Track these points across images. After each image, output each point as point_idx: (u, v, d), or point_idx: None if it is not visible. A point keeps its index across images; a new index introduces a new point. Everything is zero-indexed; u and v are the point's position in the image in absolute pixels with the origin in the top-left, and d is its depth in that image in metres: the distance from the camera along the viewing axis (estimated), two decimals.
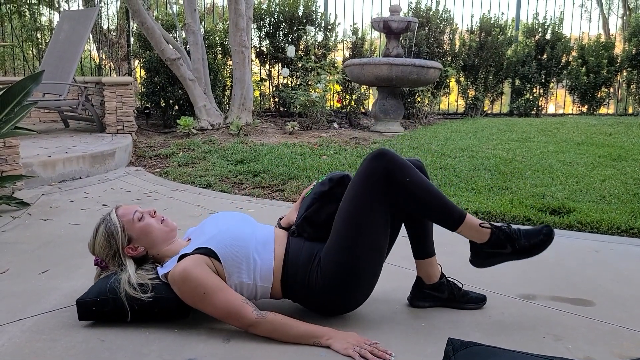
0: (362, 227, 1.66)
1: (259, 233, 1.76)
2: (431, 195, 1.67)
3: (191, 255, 1.64)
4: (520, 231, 1.70)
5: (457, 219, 1.68)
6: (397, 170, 1.64)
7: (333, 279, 1.66)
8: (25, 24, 8.49)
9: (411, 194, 1.66)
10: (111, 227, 1.73)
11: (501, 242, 1.70)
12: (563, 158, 4.52)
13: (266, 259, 1.70)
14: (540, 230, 1.69)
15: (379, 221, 1.68)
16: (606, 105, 8.52)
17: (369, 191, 1.66)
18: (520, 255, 1.70)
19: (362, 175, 1.67)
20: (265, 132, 6.04)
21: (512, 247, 1.69)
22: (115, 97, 5.50)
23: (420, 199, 1.67)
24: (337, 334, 1.58)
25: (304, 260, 1.71)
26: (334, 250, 1.68)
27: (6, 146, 3.44)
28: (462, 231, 1.70)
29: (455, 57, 8.00)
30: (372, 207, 1.66)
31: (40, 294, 1.94)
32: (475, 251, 1.75)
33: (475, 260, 1.77)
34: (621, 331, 1.72)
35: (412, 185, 1.65)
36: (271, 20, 7.65)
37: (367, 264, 1.69)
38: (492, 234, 1.70)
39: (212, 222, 1.81)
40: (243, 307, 1.59)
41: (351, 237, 1.66)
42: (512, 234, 1.69)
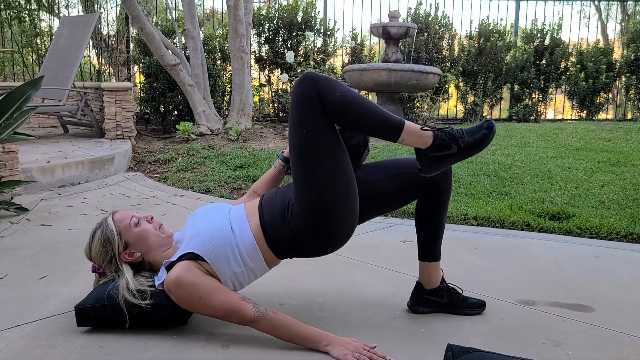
0: (312, 156, 1.61)
1: (233, 219, 1.73)
2: (366, 109, 1.59)
3: (179, 263, 1.63)
4: (462, 130, 1.65)
5: (397, 128, 1.60)
6: (324, 89, 1.57)
7: (310, 218, 1.63)
8: (25, 30, 8.50)
9: (345, 110, 1.58)
10: (107, 233, 1.72)
11: (445, 143, 1.63)
12: (562, 163, 4.53)
13: (247, 239, 1.68)
14: (481, 125, 1.63)
15: (327, 144, 1.62)
16: (605, 111, 8.54)
17: (305, 118, 1.60)
18: (467, 153, 1.63)
19: (294, 105, 1.61)
20: (264, 137, 6.04)
21: (457, 145, 1.62)
22: (115, 103, 5.51)
23: (355, 113, 1.59)
24: (335, 340, 1.58)
25: (279, 214, 1.68)
26: (299, 190, 1.64)
27: (5, 151, 3.43)
28: (405, 139, 1.62)
29: (454, 63, 8.01)
30: (315, 132, 1.60)
31: (38, 299, 1.93)
32: (422, 158, 1.68)
33: (424, 168, 1.69)
34: (621, 337, 1.71)
35: (343, 99, 1.57)
36: (270, 26, 7.66)
37: (335, 189, 1.63)
38: (435, 137, 1.63)
39: (190, 223, 1.80)
40: (242, 305, 1.59)
41: (307, 170, 1.62)
42: (455, 133, 1.63)
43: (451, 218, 3.17)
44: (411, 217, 3.18)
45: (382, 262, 2.43)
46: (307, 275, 2.23)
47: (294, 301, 1.96)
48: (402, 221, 3.19)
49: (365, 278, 2.22)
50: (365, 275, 2.25)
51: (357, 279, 2.21)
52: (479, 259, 2.50)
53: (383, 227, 3.04)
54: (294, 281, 2.16)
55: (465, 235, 2.89)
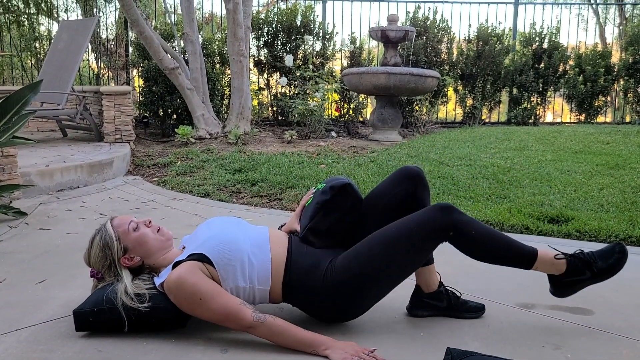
0: (399, 263, 1.68)
1: (253, 235, 1.75)
2: (500, 243, 1.70)
3: (184, 262, 1.63)
4: (594, 254, 1.72)
5: (530, 259, 1.70)
6: (465, 225, 1.67)
7: (342, 288, 1.66)
8: (23, 34, 8.51)
9: (479, 246, 1.70)
10: (106, 238, 1.72)
11: (579, 269, 1.71)
12: (561, 166, 4.53)
13: (263, 260, 1.69)
14: (613, 249, 1.71)
15: (416, 263, 1.72)
16: (603, 114, 8.55)
17: (423, 237, 1.67)
18: (600, 278, 1.71)
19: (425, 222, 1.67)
20: (263, 141, 6.04)
21: (591, 271, 1.70)
22: (114, 107, 5.51)
23: (489, 250, 1.70)
24: (335, 344, 1.57)
25: (309, 264, 1.71)
26: (357, 263, 1.67)
27: (4, 155, 3.43)
28: (538, 267, 1.71)
29: (453, 66, 8.03)
30: (420, 252, 1.69)
31: (37, 304, 1.93)
32: (555, 283, 1.76)
33: (557, 292, 1.78)
34: (620, 340, 1.71)
35: (479, 237, 1.68)
36: (269, 30, 7.68)
37: (383, 289, 1.72)
38: (569, 264, 1.72)
39: (205, 228, 1.81)
40: (241, 309, 1.58)
41: (384, 265, 1.67)
42: (588, 259, 1.70)
43: None
44: None
45: None
46: None
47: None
48: None
49: None
50: None
51: None
52: (478, 262, 2.48)
53: None
54: None
55: None
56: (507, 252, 1.70)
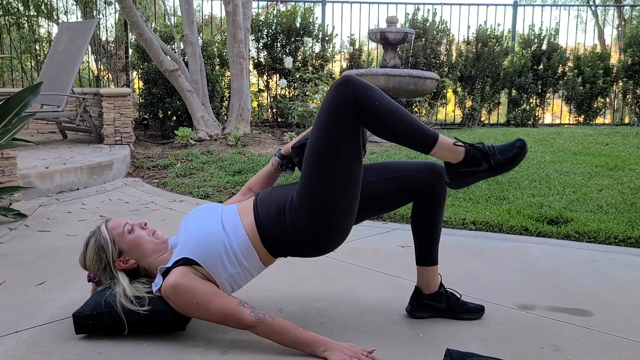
0: (332, 162, 1.60)
1: (225, 220, 1.72)
2: (402, 119, 1.60)
3: (175, 269, 1.63)
4: (494, 147, 1.65)
5: (431, 141, 1.61)
6: (364, 95, 1.57)
7: (309, 219, 1.63)
8: (23, 36, 8.52)
9: (381, 119, 1.59)
10: (101, 241, 1.71)
11: (477, 159, 1.63)
12: (560, 168, 4.53)
13: (241, 239, 1.67)
14: (513, 144, 1.63)
15: (351, 150, 1.62)
16: (602, 115, 8.56)
17: (335, 123, 1.59)
18: (497, 171, 1.64)
19: (328, 105, 1.60)
20: (263, 142, 6.05)
21: (488, 163, 1.63)
22: (114, 108, 5.51)
23: (391, 124, 1.60)
24: (334, 345, 1.57)
25: (275, 213, 1.68)
26: (307, 187, 1.63)
27: (4, 157, 3.43)
28: (437, 152, 1.63)
29: (452, 68, 8.04)
30: (343, 137, 1.60)
31: (37, 306, 1.93)
32: (451, 172, 1.68)
33: (452, 182, 1.69)
34: (620, 341, 1.72)
35: (381, 108, 1.58)
36: (269, 32, 7.68)
37: (344, 198, 1.64)
38: (467, 153, 1.63)
39: (183, 227, 1.79)
40: (240, 310, 1.58)
41: (323, 173, 1.61)
42: (487, 150, 1.63)
43: (450, 223, 3.18)
44: (409, 222, 3.17)
45: (380, 267, 2.43)
46: (306, 281, 2.23)
47: (293, 306, 1.96)
48: (401, 226, 3.19)
49: (363, 283, 2.22)
50: (363, 280, 2.25)
51: (355, 284, 2.21)
52: (478, 264, 2.50)
53: (381, 232, 3.04)
54: (293, 286, 2.16)
55: (464, 240, 2.89)
56: (409, 130, 1.61)
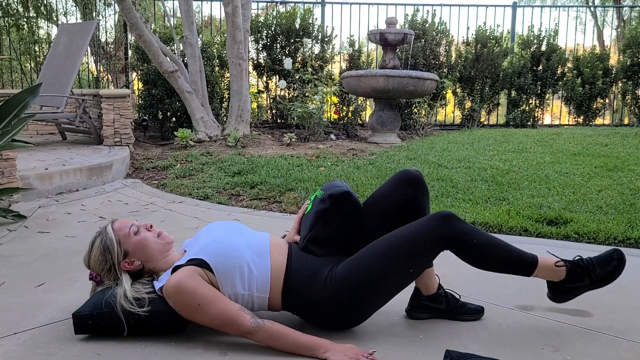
0: (401, 272, 1.68)
1: (253, 242, 1.75)
2: (500, 250, 1.71)
3: (184, 267, 1.63)
4: (592, 260, 1.73)
5: (531, 266, 1.72)
6: (465, 235, 1.67)
7: (343, 298, 1.66)
8: (23, 37, 8.52)
9: (482, 254, 1.70)
10: (107, 241, 1.72)
11: (578, 276, 1.73)
12: (559, 169, 4.54)
13: (262, 268, 1.69)
14: (612, 255, 1.73)
15: (416, 272, 1.72)
16: (602, 116, 8.56)
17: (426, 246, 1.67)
18: (599, 284, 1.73)
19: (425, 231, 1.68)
20: (262, 143, 6.05)
21: (590, 278, 1.73)
22: (113, 110, 5.51)
23: (492, 257, 1.70)
24: (334, 347, 1.57)
25: (308, 273, 1.70)
26: (358, 273, 1.67)
27: (3, 159, 3.43)
28: (538, 274, 1.73)
29: (452, 69, 8.04)
30: (421, 261, 1.70)
31: (36, 307, 1.93)
32: (554, 289, 1.78)
33: (556, 297, 1.80)
34: (620, 342, 1.72)
35: (480, 245, 1.68)
36: (268, 33, 7.68)
37: (384, 297, 1.72)
38: (569, 271, 1.73)
39: (206, 233, 1.80)
40: (240, 315, 1.58)
41: (384, 274, 1.67)
42: (587, 266, 1.72)
43: None
44: None
45: None
46: None
47: None
48: None
49: None
50: None
51: None
52: None
53: None
54: None
55: None
56: (509, 261, 1.71)
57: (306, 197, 3.76)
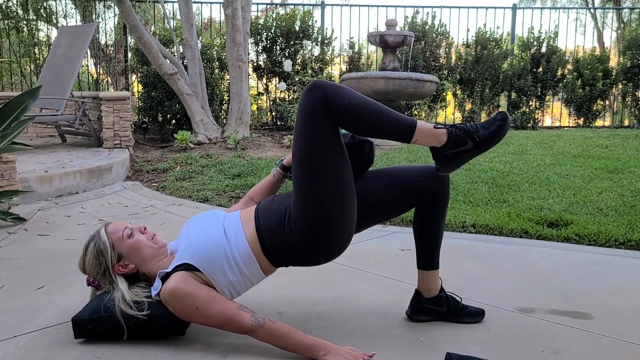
0: (315, 164, 1.60)
1: (227, 227, 1.72)
2: (375, 112, 1.59)
3: (174, 274, 1.62)
4: (476, 124, 1.64)
5: (409, 129, 1.59)
6: (333, 95, 1.56)
7: (307, 228, 1.62)
8: (23, 40, 8.52)
9: (354, 116, 1.58)
10: (100, 245, 1.71)
11: (460, 139, 1.62)
12: (560, 170, 4.53)
13: (242, 246, 1.67)
14: (495, 118, 1.63)
15: (331, 153, 1.61)
16: (602, 118, 8.57)
17: (311, 126, 1.59)
18: (483, 146, 1.62)
19: (303, 111, 1.60)
20: (262, 146, 6.05)
21: (473, 140, 1.61)
22: (113, 112, 5.51)
23: (364, 119, 1.58)
24: (333, 349, 1.57)
25: (276, 222, 1.67)
26: (298, 198, 1.64)
27: (3, 161, 3.43)
28: (418, 139, 1.61)
29: (452, 71, 8.05)
30: (320, 141, 1.59)
31: (36, 310, 1.92)
32: (438, 157, 1.66)
33: (442, 167, 1.68)
34: (620, 344, 1.71)
35: (352, 106, 1.57)
36: (268, 35, 7.69)
37: (336, 200, 1.63)
38: (450, 134, 1.62)
39: (185, 233, 1.78)
40: (239, 314, 1.58)
41: (309, 178, 1.61)
42: (470, 129, 1.62)
43: (449, 226, 3.17)
44: (410, 225, 3.17)
45: (380, 270, 2.42)
46: (306, 284, 2.23)
47: (292, 310, 1.95)
48: (401, 229, 3.18)
49: (363, 287, 2.22)
50: (363, 284, 2.25)
51: (355, 287, 2.21)
52: (478, 267, 2.50)
53: (381, 235, 3.03)
54: (293, 290, 2.15)
55: (464, 243, 2.89)
56: (385, 122, 1.60)
57: None
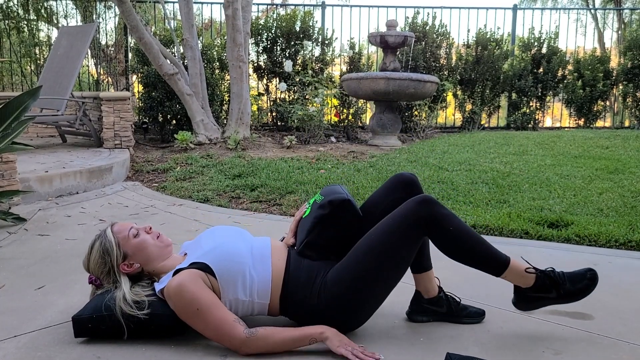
0: (386, 264, 1.66)
1: (255, 248, 1.74)
2: (476, 244, 1.68)
3: (186, 270, 1.63)
4: (564, 275, 1.71)
5: (502, 266, 1.69)
6: (442, 221, 1.65)
7: (339, 301, 1.66)
8: (23, 40, 8.52)
9: (457, 245, 1.68)
10: (106, 244, 1.71)
11: (546, 287, 1.71)
12: (560, 171, 4.53)
13: (263, 274, 1.68)
14: (584, 275, 1.71)
15: (404, 261, 1.70)
16: (602, 119, 8.57)
17: (406, 232, 1.65)
18: (566, 299, 1.71)
19: (404, 216, 1.66)
20: (262, 146, 6.04)
21: (557, 292, 1.70)
22: (113, 112, 5.51)
23: (465, 249, 1.68)
24: (331, 331, 1.60)
25: (305, 278, 1.70)
26: (347, 274, 1.66)
27: (3, 161, 3.43)
28: (507, 276, 1.71)
29: (452, 71, 8.04)
30: (404, 248, 1.67)
31: (36, 310, 1.92)
32: (520, 295, 1.76)
33: (519, 304, 1.78)
34: (621, 345, 1.71)
35: (457, 234, 1.66)
36: (269, 35, 7.69)
37: (379, 294, 1.70)
38: (537, 279, 1.71)
39: (209, 237, 1.80)
40: (234, 326, 1.58)
41: (372, 269, 1.65)
42: (557, 279, 1.70)
43: None
44: None
45: None
46: None
47: None
48: None
49: None
50: None
51: None
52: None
53: None
54: None
55: None
56: (481, 254, 1.69)
57: (306, 199, 3.76)
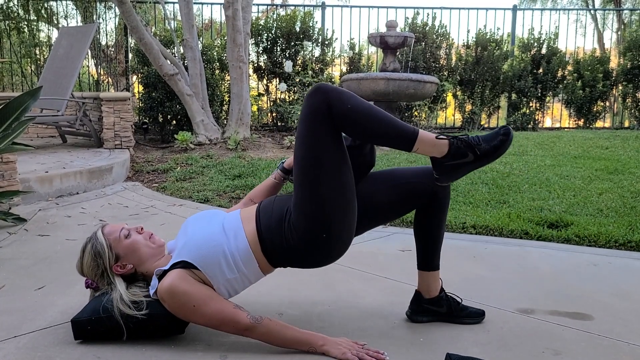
0: (317, 168, 1.59)
1: (227, 225, 1.71)
2: (377, 119, 1.57)
3: (171, 272, 1.62)
4: (479, 137, 1.63)
5: (411, 137, 1.58)
6: (335, 100, 1.55)
7: (306, 231, 1.62)
8: (23, 40, 8.52)
9: (357, 122, 1.56)
10: (97, 247, 1.71)
11: (461, 151, 1.61)
12: (560, 172, 4.53)
13: (241, 244, 1.66)
14: (498, 132, 1.62)
15: (333, 157, 1.60)
16: (602, 119, 8.57)
17: (313, 130, 1.58)
18: (484, 160, 1.62)
19: (305, 115, 1.59)
20: (262, 146, 6.05)
21: (474, 153, 1.61)
22: (113, 113, 5.51)
23: (366, 125, 1.57)
24: (330, 340, 1.60)
25: (276, 223, 1.67)
26: (298, 201, 1.63)
27: (3, 162, 3.43)
28: (419, 149, 1.60)
29: (452, 72, 8.05)
30: (321, 145, 1.59)
31: (36, 310, 1.92)
32: (439, 167, 1.66)
33: (441, 177, 1.67)
34: (620, 345, 1.71)
35: (354, 112, 1.55)
36: (269, 36, 7.70)
37: (336, 204, 1.62)
38: (451, 145, 1.61)
39: (182, 231, 1.79)
40: (236, 313, 1.58)
41: (310, 182, 1.60)
42: (471, 141, 1.61)
43: (450, 227, 3.17)
44: (410, 226, 3.17)
45: (380, 271, 2.42)
46: (306, 285, 2.23)
47: (293, 311, 1.95)
48: (401, 230, 3.18)
49: (364, 287, 2.22)
50: (364, 285, 2.25)
51: (355, 288, 2.21)
52: (478, 268, 2.50)
53: (382, 236, 3.03)
54: (293, 291, 2.16)
55: (464, 244, 2.88)
56: (387, 130, 1.58)
57: None
